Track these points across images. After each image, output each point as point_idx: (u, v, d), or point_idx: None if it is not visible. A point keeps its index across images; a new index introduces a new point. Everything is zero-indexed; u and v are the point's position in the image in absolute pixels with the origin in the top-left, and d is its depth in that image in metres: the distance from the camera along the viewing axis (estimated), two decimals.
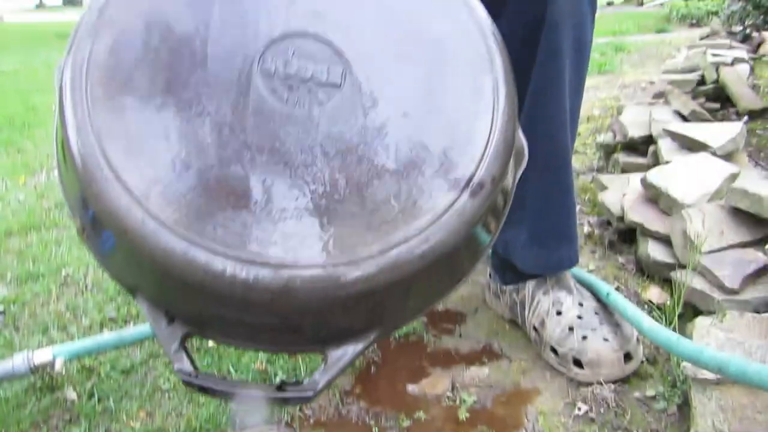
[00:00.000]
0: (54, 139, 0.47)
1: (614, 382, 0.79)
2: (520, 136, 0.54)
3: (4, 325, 1.02)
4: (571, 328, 0.83)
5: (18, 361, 0.78)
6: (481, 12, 0.51)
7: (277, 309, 0.40)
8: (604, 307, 0.88)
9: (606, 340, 0.80)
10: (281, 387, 0.43)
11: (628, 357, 0.79)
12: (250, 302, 0.39)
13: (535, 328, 0.88)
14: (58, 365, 0.80)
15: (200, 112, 0.43)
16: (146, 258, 0.40)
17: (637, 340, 0.82)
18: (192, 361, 0.43)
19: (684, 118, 1.53)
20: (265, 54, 0.46)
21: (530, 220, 0.84)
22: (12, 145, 2.33)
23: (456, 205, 0.43)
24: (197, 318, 0.44)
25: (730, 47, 2.81)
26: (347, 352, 0.43)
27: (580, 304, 0.87)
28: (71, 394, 0.83)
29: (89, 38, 0.44)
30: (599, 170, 1.63)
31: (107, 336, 0.86)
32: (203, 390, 0.43)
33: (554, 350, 0.84)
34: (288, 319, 0.42)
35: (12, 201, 1.69)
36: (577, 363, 0.80)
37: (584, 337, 0.81)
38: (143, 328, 0.88)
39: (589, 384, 0.80)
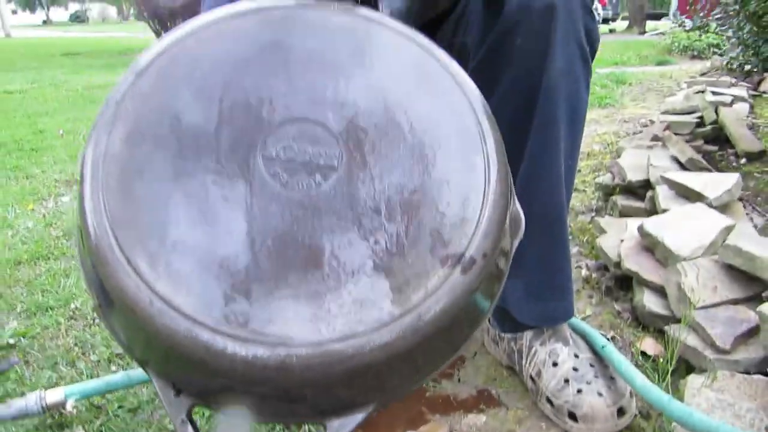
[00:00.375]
0: (75, 224, 0.51)
1: None
2: (517, 207, 0.56)
3: (8, 360, 1.05)
4: (566, 380, 0.85)
5: (31, 401, 0.80)
6: (473, 91, 0.54)
7: (276, 384, 0.42)
8: (599, 359, 0.90)
9: (600, 394, 0.82)
10: None
11: (621, 412, 0.82)
12: (250, 378, 0.42)
13: (531, 378, 0.90)
14: (70, 406, 0.83)
15: (206, 198, 0.46)
16: (153, 336, 0.43)
17: (631, 394, 0.84)
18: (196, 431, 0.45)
19: (681, 165, 1.56)
20: (266, 140, 0.49)
21: (527, 274, 0.87)
22: (20, 171, 2.37)
23: (448, 281, 0.45)
24: (202, 391, 0.46)
25: (731, 85, 2.86)
26: (347, 422, 0.45)
27: (576, 356, 0.89)
28: None
29: (106, 131, 0.48)
30: (598, 211, 1.67)
31: (116, 376, 0.89)
32: None
33: (550, 401, 0.86)
34: (288, 393, 0.44)
35: (21, 229, 1.72)
36: (572, 416, 0.83)
37: (579, 391, 0.83)
38: None
39: None
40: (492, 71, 0.78)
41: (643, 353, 0.99)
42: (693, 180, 1.30)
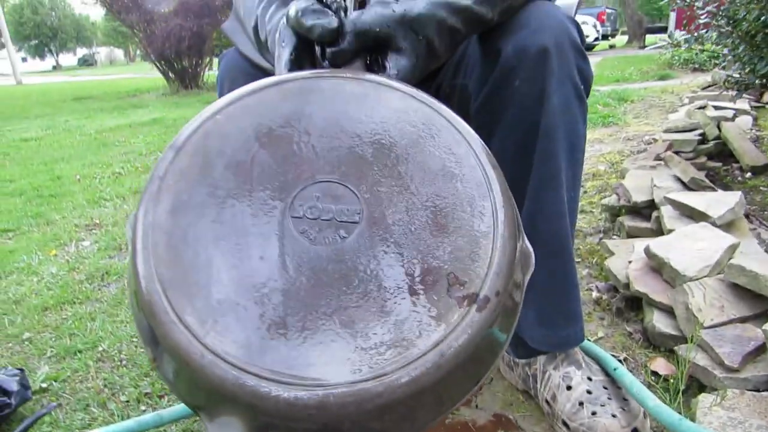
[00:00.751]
0: (128, 287, 0.56)
1: None
2: (526, 243, 0.61)
3: (47, 405, 1.09)
4: (581, 403, 0.88)
5: None
6: (477, 142, 0.58)
7: (316, 421, 0.47)
8: (612, 381, 0.93)
9: (614, 416, 0.85)
10: None
11: None
12: (293, 417, 0.46)
13: (547, 402, 0.93)
14: None
15: (244, 258, 0.52)
16: (204, 384, 0.47)
17: (644, 415, 0.86)
18: None
19: (684, 185, 1.59)
20: (293, 202, 0.55)
21: (537, 301, 0.90)
22: (41, 217, 2.44)
23: (466, 319, 0.49)
24: (252, 430, 0.51)
25: (732, 98, 2.89)
26: None
27: (589, 379, 0.92)
28: None
29: (153, 204, 0.54)
30: (605, 232, 1.70)
31: (147, 417, 0.93)
32: None
33: (566, 424, 0.88)
34: (327, 429, 0.48)
35: (45, 275, 1.77)
36: None
37: (594, 413, 0.86)
38: (180, 407, 0.95)
39: None
40: (493, 111, 0.83)
41: (655, 373, 1.01)
42: (696, 200, 1.33)
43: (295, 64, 0.65)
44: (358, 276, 0.51)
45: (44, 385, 1.16)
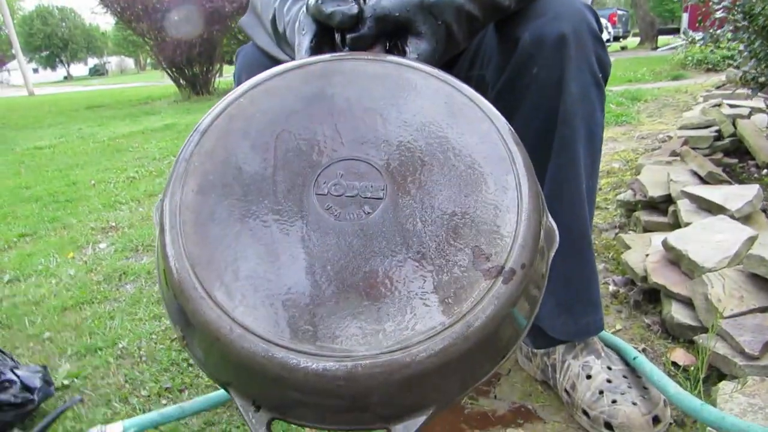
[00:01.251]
0: (157, 267, 0.58)
1: None
2: (550, 221, 0.60)
3: (71, 399, 1.11)
4: (601, 392, 0.88)
5: None
6: (500, 119, 0.59)
7: (344, 393, 0.47)
8: (632, 370, 0.93)
9: (635, 404, 0.85)
10: None
11: (656, 420, 0.84)
12: (322, 389, 0.47)
13: (566, 391, 0.93)
14: None
15: (269, 234, 0.53)
16: (234, 358, 0.48)
17: (665, 403, 0.86)
18: None
19: (701, 179, 1.59)
20: (318, 179, 0.55)
21: (556, 290, 0.90)
22: (58, 222, 2.47)
23: (492, 291, 0.49)
24: (280, 405, 0.51)
25: (747, 97, 2.87)
26: (410, 425, 0.50)
27: (609, 368, 0.92)
28: None
29: (180, 185, 0.55)
30: (621, 227, 1.69)
31: (170, 409, 0.94)
32: None
33: (586, 413, 0.88)
34: (355, 401, 0.49)
35: (64, 277, 1.80)
36: (608, 426, 0.85)
37: (614, 401, 0.86)
38: (201, 399, 0.96)
39: None
40: (511, 99, 0.84)
41: (674, 364, 1.01)
42: (714, 193, 1.33)
43: (316, 50, 0.66)
44: (383, 250, 0.52)
45: (66, 382, 1.18)
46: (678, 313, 1.05)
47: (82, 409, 1.08)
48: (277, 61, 0.89)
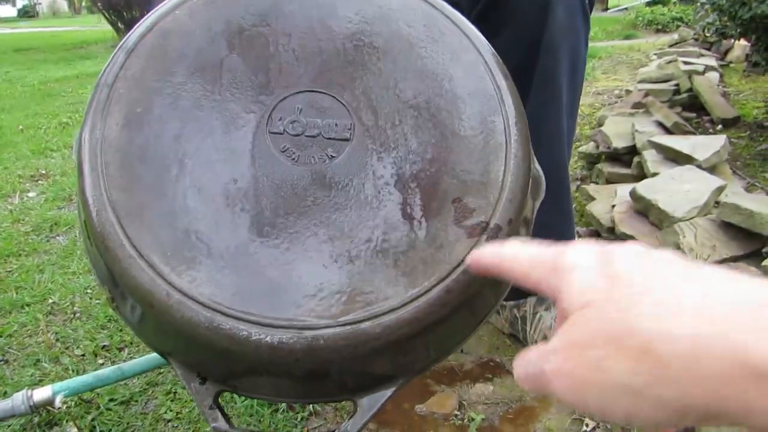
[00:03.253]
0: (78, 216, 0.47)
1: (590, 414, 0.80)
2: (537, 167, 0.54)
3: None
4: None
5: (18, 400, 0.75)
6: (487, 49, 0.51)
7: (303, 368, 0.40)
8: None
9: None
10: None
11: None
12: (277, 363, 0.39)
13: (537, 344, 0.89)
14: (59, 402, 0.78)
15: (214, 180, 0.44)
16: (173, 328, 0.40)
17: None
18: (226, 418, 0.42)
19: (666, 130, 1.57)
20: (271, 115, 0.46)
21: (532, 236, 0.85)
22: None
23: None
24: (228, 378, 0.44)
25: (700, 55, 2.89)
26: (377, 398, 0.43)
27: None
28: (72, 430, 0.81)
29: (101, 116, 0.45)
30: (582, 179, 1.66)
31: (107, 371, 0.84)
32: None
33: None
34: (315, 375, 0.42)
35: None
36: None
37: None
38: (143, 360, 0.87)
39: None
40: (489, 28, 0.75)
41: None
42: (681, 143, 1.30)
43: None
44: (350, 202, 0.44)
45: None
46: None
47: (6, 370, 0.97)
48: None
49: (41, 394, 0.77)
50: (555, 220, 0.85)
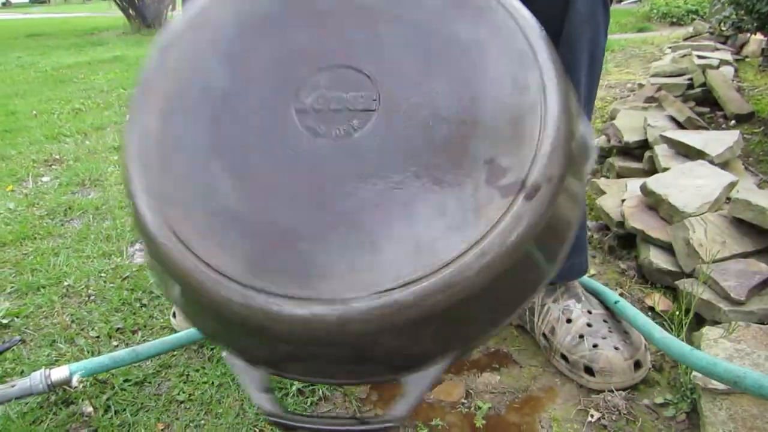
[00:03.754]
0: (128, 205, 0.50)
1: (624, 389, 0.81)
2: (582, 130, 0.50)
3: (10, 339, 1.01)
4: (581, 336, 0.85)
5: (36, 379, 0.77)
6: (521, 9, 0.48)
7: (338, 341, 0.40)
8: (612, 315, 0.90)
9: (617, 348, 0.82)
10: (365, 420, 0.44)
11: (637, 365, 0.82)
12: (311, 338, 0.40)
13: (544, 335, 0.90)
14: (75, 381, 0.80)
15: (244, 162, 0.45)
16: (210, 307, 0.41)
17: (645, 348, 0.84)
18: (274, 401, 0.44)
19: (679, 124, 1.56)
20: (298, 93, 0.47)
21: None
22: None
23: (511, 211, 0.41)
24: (271, 359, 0.45)
25: (715, 49, 2.86)
26: (424, 378, 0.43)
27: (589, 312, 0.89)
28: (87, 408, 0.83)
29: (141, 110, 0.47)
30: (593, 173, 1.66)
31: (122, 353, 0.86)
32: (290, 428, 0.44)
33: (565, 357, 0.85)
34: (354, 350, 0.42)
35: (2, 210, 1.66)
36: (588, 371, 0.82)
37: (595, 345, 0.83)
38: (157, 342, 0.89)
39: (599, 391, 0.82)
40: None
41: (651, 309, 0.99)
42: (693, 138, 1.30)
43: None
44: (376, 172, 0.44)
45: (5, 321, 1.08)
46: (657, 258, 1.03)
47: (23, 350, 0.99)
48: None
49: (59, 373, 0.79)
50: None
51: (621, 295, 1.05)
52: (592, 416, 0.79)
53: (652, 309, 0.99)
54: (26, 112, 3.00)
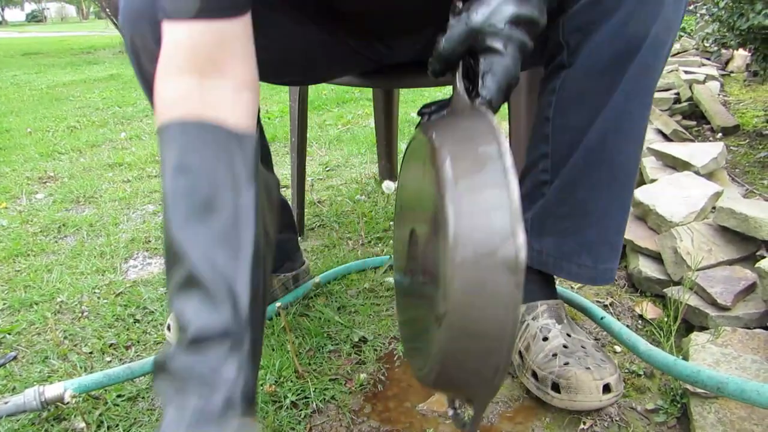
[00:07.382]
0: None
1: (587, 411, 0.79)
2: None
3: (4, 355, 1.01)
4: (554, 354, 0.81)
5: (30, 396, 0.77)
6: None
7: None
8: (592, 343, 0.86)
9: (588, 368, 0.78)
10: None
11: (607, 388, 0.77)
12: None
13: (519, 353, 0.87)
14: (67, 397, 0.80)
15: None
16: None
17: (620, 376, 0.80)
18: None
19: (665, 137, 1.58)
20: None
21: (588, 227, 0.82)
22: None
23: None
24: None
25: (701, 65, 2.91)
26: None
27: (568, 335, 0.85)
28: (80, 424, 0.83)
29: None
30: None
31: (117, 369, 0.86)
32: None
33: (535, 374, 0.82)
34: None
35: None
36: (555, 387, 0.79)
37: (566, 363, 0.80)
38: (151, 360, 0.89)
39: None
40: (592, 17, 0.73)
41: (640, 317, 1.00)
42: (680, 150, 1.32)
43: None
44: None
45: None
46: (646, 267, 1.04)
47: (15, 366, 0.99)
48: None
49: (53, 390, 0.79)
50: (617, 214, 0.83)
51: (611, 304, 1.06)
52: (584, 423, 0.80)
53: (641, 317, 1.00)
54: (21, 130, 3.02)
